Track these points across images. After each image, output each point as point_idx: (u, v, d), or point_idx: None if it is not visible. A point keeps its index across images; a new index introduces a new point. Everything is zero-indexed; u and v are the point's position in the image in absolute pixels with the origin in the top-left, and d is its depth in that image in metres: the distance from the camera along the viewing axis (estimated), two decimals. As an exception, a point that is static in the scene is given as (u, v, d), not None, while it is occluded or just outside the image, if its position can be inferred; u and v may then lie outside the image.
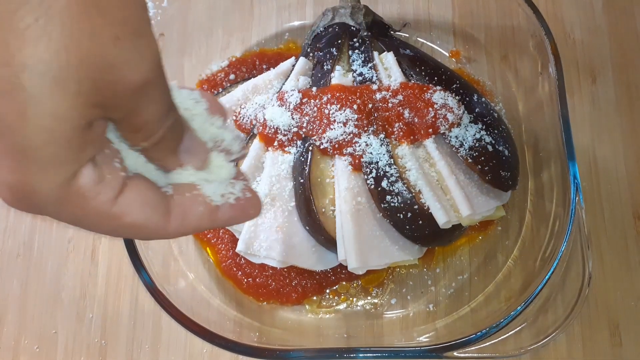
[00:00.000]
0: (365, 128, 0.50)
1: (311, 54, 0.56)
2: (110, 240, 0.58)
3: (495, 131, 0.52)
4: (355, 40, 0.55)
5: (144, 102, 0.23)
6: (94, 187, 0.24)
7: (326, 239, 0.50)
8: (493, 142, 0.51)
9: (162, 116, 0.25)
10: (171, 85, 0.25)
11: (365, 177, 0.49)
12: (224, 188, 0.27)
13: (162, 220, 0.26)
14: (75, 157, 0.23)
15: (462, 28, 0.62)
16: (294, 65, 0.56)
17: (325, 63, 0.54)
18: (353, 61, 0.54)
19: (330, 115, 0.50)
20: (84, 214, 0.24)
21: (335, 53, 0.54)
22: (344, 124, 0.49)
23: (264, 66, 0.60)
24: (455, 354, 0.45)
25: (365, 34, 0.55)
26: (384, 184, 0.48)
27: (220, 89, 0.58)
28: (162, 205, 0.26)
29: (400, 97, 0.51)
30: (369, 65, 0.53)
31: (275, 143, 0.52)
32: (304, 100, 0.51)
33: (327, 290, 0.54)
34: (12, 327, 0.56)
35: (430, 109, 0.50)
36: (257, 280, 0.54)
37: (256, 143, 0.53)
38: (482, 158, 0.51)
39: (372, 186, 0.49)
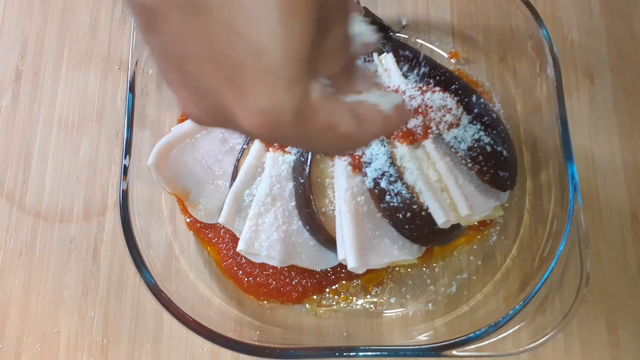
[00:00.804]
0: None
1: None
2: (112, 240, 0.58)
3: (494, 131, 0.52)
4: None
5: (336, 20, 0.26)
6: (320, 99, 0.26)
7: (326, 238, 0.50)
8: (492, 142, 0.52)
9: (344, 42, 0.27)
10: None
11: (365, 177, 0.50)
12: (386, 97, 0.31)
13: (359, 129, 0.28)
14: (308, 74, 0.25)
15: (461, 29, 0.62)
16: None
17: (325, 64, 0.54)
18: (353, 62, 0.54)
19: (330, 116, 0.50)
20: (315, 127, 0.26)
21: (335, 54, 0.54)
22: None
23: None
24: (454, 352, 0.45)
25: (365, 35, 0.55)
26: (384, 184, 0.49)
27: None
28: (357, 117, 0.28)
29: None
30: (369, 66, 0.54)
31: (276, 143, 0.52)
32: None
33: (327, 290, 0.54)
34: (15, 325, 0.56)
35: (430, 109, 0.51)
36: (258, 279, 0.54)
37: (257, 144, 0.53)
38: (481, 158, 0.51)
39: (372, 186, 0.49)
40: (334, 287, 0.54)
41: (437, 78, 0.54)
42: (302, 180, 0.50)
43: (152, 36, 0.25)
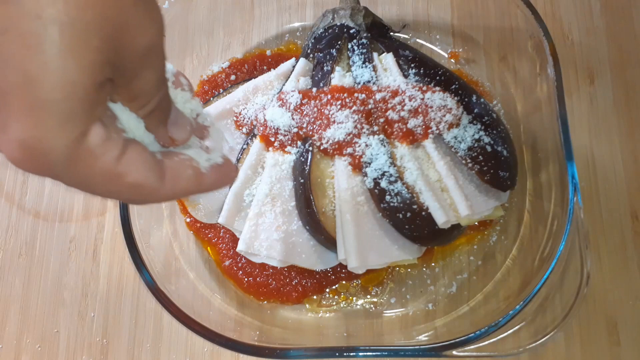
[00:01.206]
0: (365, 129, 0.50)
1: (311, 55, 0.56)
2: (112, 240, 0.58)
3: (494, 131, 0.52)
4: (354, 41, 0.55)
5: (145, 67, 0.25)
6: (102, 144, 0.24)
7: (326, 238, 0.50)
8: (492, 142, 0.52)
9: (157, 85, 0.26)
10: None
11: (365, 177, 0.50)
12: (206, 155, 0.30)
13: (158, 181, 0.27)
14: (88, 114, 0.23)
15: (461, 29, 0.62)
16: (294, 66, 0.56)
17: (325, 64, 0.54)
18: (353, 62, 0.54)
19: (330, 116, 0.50)
20: (91, 173, 0.24)
21: (335, 54, 0.54)
22: (344, 125, 0.49)
23: (265, 67, 0.61)
24: (454, 352, 0.45)
25: (364, 35, 0.55)
26: (384, 184, 0.49)
27: (221, 90, 0.59)
28: (157, 168, 0.27)
29: (399, 97, 0.51)
30: (369, 66, 0.54)
31: (276, 143, 0.52)
32: (304, 101, 0.52)
33: (327, 290, 0.54)
34: (14, 326, 0.56)
35: (430, 109, 0.51)
36: (258, 279, 0.54)
37: (257, 143, 0.53)
38: (481, 158, 0.51)
39: (372, 186, 0.49)
40: (334, 287, 0.54)
41: (437, 78, 0.54)
42: (302, 180, 0.50)
43: None
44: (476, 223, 0.53)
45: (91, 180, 0.25)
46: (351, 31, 0.55)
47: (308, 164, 0.50)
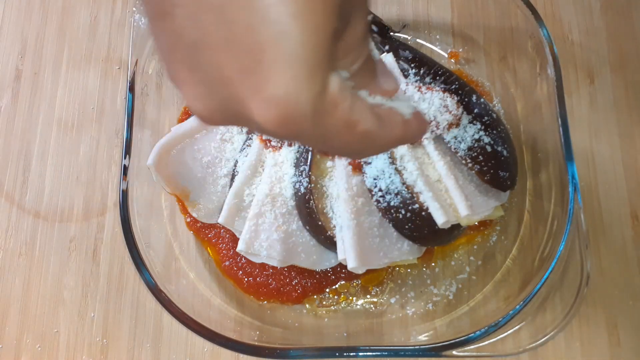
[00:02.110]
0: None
1: (311, 55, 0.56)
2: (112, 240, 0.58)
3: (494, 131, 0.52)
4: (355, 41, 0.55)
5: (357, 15, 0.25)
6: (340, 93, 0.24)
7: (326, 238, 0.50)
8: (492, 142, 0.52)
9: (365, 37, 0.26)
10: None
11: (365, 177, 0.50)
12: (406, 104, 0.30)
13: (380, 129, 0.27)
14: (329, 63, 0.24)
15: (461, 29, 0.62)
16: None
17: (325, 64, 0.54)
18: (353, 62, 0.54)
19: (330, 116, 0.50)
20: (332, 123, 0.25)
21: (335, 54, 0.54)
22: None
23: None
24: (454, 352, 0.45)
25: (365, 35, 0.55)
26: (383, 184, 0.49)
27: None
28: (377, 115, 0.27)
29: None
30: (369, 66, 0.54)
31: (276, 143, 0.52)
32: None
33: (327, 290, 0.54)
34: (14, 326, 0.56)
35: (429, 109, 0.51)
36: (258, 279, 0.54)
37: (257, 143, 0.53)
38: (481, 158, 0.51)
39: (372, 186, 0.49)
40: (334, 287, 0.54)
41: (437, 78, 0.54)
42: (302, 180, 0.50)
43: (162, 23, 0.24)
44: (476, 223, 0.53)
45: (331, 132, 0.25)
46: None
47: (308, 163, 0.50)
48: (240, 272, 0.55)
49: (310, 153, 0.51)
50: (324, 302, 0.54)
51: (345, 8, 0.24)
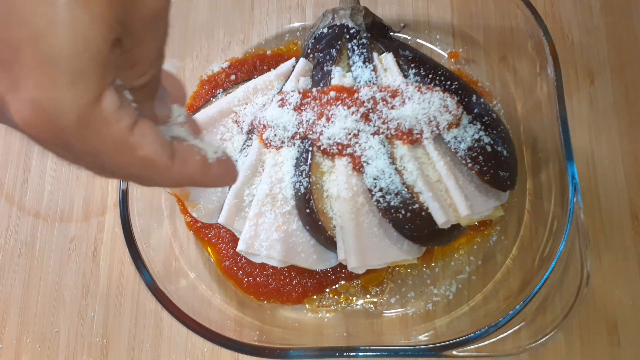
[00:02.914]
0: (365, 129, 0.50)
1: (311, 55, 0.56)
2: (112, 240, 0.58)
3: (494, 131, 0.52)
4: (354, 41, 0.55)
5: (151, 33, 0.24)
6: (116, 111, 0.23)
7: (326, 238, 0.50)
8: (492, 142, 0.52)
9: (157, 56, 0.25)
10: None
11: (365, 177, 0.50)
12: (212, 148, 0.29)
13: (169, 160, 0.26)
14: (101, 76, 0.22)
15: (461, 29, 0.62)
16: (294, 66, 0.56)
17: (325, 64, 0.54)
18: (353, 62, 0.54)
19: (330, 116, 0.50)
20: (103, 141, 0.23)
21: (335, 54, 0.54)
22: (344, 125, 0.49)
23: (265, 67, 0.61)
24: (454, 352, 0.45)
25: (364, 35, 0.55)
26: (383, 184, 0.49)
27: (221, 90, 0.59)
28: (168, 146, 0.26)
29: (399, 97, 0.51)
30: (369, 66, 0.54)
31: (276, 144, 0.52)
32: (304, 101, 0.52)
33: (327, 290, 0.54)
34: (14, 326, 0.56)
35: (430, 109, 0.51)
36: (258, 279, 0.54)
37: (256, 143, 0.53)
38: (481, 158, 0.51)
39: (372, 186, 0.49)
40: (334, 287, 0.54)
41: (437, 78, 0.54)
42: (301, 180, 0.50)
43: None
44: (476, 223, 0.53)
45: (102, 149, 0.24)
46: (351, 31, 0.55)
47: (308, 163, 0.50)
48: (240, 272, 0.55)
49: (310, 153, 0.51)
50: (324, 302, 0.54)
51: (132, 22, 0.23)
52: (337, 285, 0.54)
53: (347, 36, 0.55)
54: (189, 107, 0.60)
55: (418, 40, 0.62)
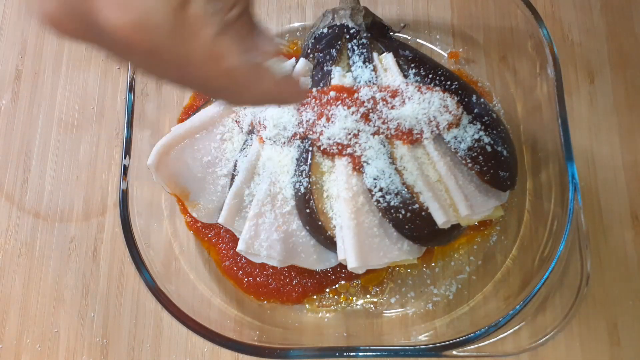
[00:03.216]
0: (365, 129, 0.50)
1: (311, 55, 0.56)
2: (112, 240, 0.58)
3: (494, 131, 0.52)
4: (354, 41, 0.55)
5: None
6: (203, 16, 0.23)
7: (326, 238, 0.50)
8: (492, 142, 0.52)
9: None
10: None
11: (365, 177, 0.50)
12: (279, 65, 0.29)
13: (251, 74, 0.26)
14: None
15: (461, 29, 0.62)
16: (294, 66, 0.56)
17: (325, 64, 0.54)
18: (353, 62, 0.54)
19: (330, 116, 0.50)
20: (192, 47, 0.23)
21: (335, 54, 0.54)
22: (344, 125, 0.50)
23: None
24: (454, 352, 0.45)
25: (364, 35, 0.55)
26: (383, 183, 0.49)
27: (221, 90, 0.59)
28: (249, 60, 0.26)
29: (399, 97, 0.51)
30: (369, 66, 0.54)
31: (276, 143, 0.52)
32: (304, 101, 0.52)
33: (327, 290, 0.54)
34: (14, 326, 0.56)
35: (430, 109, 0.51)
36: (258, 279, 0.54)
37: (256, 144, 0.53)
38: (481, 158, 0.51)
39: (372, 186, 0.49)
40: (334, 287, 0.54)
41: (437, 78, 0.54)
42: (301, 180, 0.50)
43: None
44: (476, 223, 0.53)
45: (192, 57, 0.23)
46: (351, 31, 0.55)
47: (308, 163, 0.50)
48: (240, 272, 0.55)
49: (310, 153, 0.51)
50: (324, 302, 0.54)
51: None
52: (337, 285, 0.54)
53: (347, 36, 0.55)
54: (189, 107, 0.60)
55: (418, 40, 0.62)
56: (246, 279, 0.54)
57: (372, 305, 0.54)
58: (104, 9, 0.21)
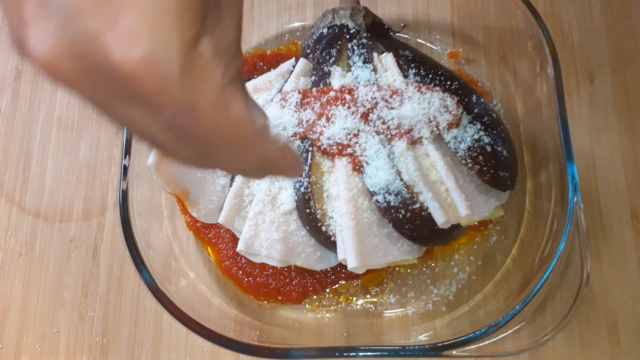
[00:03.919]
0: (365, 128, 0.50)
1: (311, 55, 0.56)
2: (112, 240, 0.58)
3: (494, 131, 0.52)
4: (354, 41, 0.55)
5: (230, 8, 0.24)
6: (212, 59, 0.22)
7: (326, 238, 0.50)
8: (492, 142, 0.52)
9: (237, 40, 0.25)
10: None
11: (365, 177, 0.50)
12: (283, 137, 0.29)
13: (255, 126, 0.25)
14: (200, 16, 0.21)
15: (461, 29, 0.62)
16: (294, 66, 0.56)
17: (325, 64, 0.54)
18: (353, 62, 0.54)
19: (330, 116, 0.50)
20: (202, 89, 0.22)
21: (335, 54, 0.54)
22: (344, 125, 0.50)
23: (265, 67, 0.61)
24: (454, 352, 0.45)
25: (364, 35, 0.55)
26: (383, 184, 0.49)
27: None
28: (252, 116, 0.25)
29: (399, 97, 0.51)
30: (369, 66, 0.54)
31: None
32: (304, 101, 0.52)
33: (327, 290, 0.54)
34: (14, 326, 0.56)
35: (429, 109, 0.51)
36: (258, 279, 0.54)
37: (257, 143, 0.53)
38: (481, 158, 0.51)
39: (371, 186, 0.49)
40: (334, 287, 0.54)
41: (437, 78, 0.54)
42: (302, 180, 0.50)
43: None
44: (476, 223, 0.53)
45: (200, 99, 0.22)
46: (351, 31, 0.55)
47: (308, 163, 0.50)
48: (240, 272, 0.55)
49: (309, 153, 0.51)
50: (324, 302, 0.54)
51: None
52: (337, 285, 0.54)
53: (347, 36, 0.55)
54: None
55: (418, 40, 0.62)
56: (246, 279, 0.54)
57: (372, 305, 0.54)
58: (110, 43, 0.20)
